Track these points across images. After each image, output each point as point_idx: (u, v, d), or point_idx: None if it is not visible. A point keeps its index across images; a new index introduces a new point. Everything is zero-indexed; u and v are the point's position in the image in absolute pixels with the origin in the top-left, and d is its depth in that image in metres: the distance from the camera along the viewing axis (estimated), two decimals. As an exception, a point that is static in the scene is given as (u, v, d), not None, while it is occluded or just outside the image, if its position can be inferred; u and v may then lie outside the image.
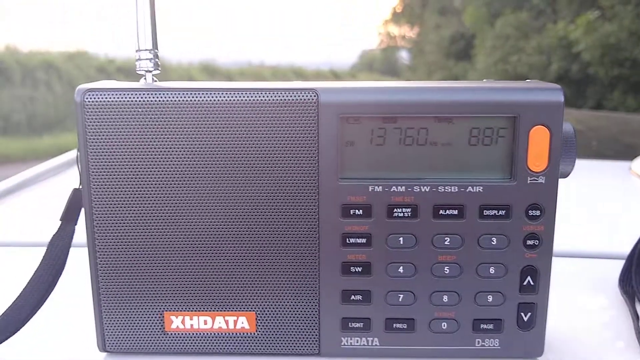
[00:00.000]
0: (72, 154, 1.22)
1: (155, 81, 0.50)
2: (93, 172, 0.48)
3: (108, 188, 0.48)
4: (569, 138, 0.48)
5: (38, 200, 1.02)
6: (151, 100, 0.47)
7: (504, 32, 11.01)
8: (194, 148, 0.47)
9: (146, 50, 0.49)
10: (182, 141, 0.47)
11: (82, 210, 0.50)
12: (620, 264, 0.65)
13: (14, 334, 0.51)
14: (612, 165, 1.30)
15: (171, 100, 0.47)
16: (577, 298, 0.63)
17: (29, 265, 0.53)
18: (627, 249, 0.65)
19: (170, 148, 0.47)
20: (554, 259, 0.49)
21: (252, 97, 0.46)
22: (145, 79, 0.50)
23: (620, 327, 0.56)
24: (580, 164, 1.27)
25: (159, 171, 0.48)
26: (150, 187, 0.48)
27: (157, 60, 0.50)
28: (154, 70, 0.50)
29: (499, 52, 10.79)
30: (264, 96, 0.46)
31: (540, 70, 9.92)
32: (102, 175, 0.48)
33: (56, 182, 1.10)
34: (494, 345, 0.50)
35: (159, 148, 0.47)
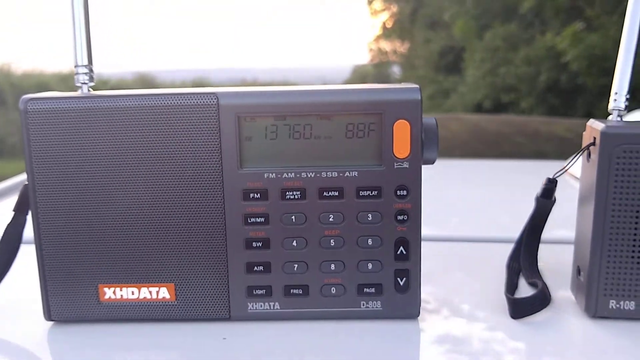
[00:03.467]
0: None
1: (90, 91, 0.60)
2: (36, 168, 0.57)
3: (49, 181, 0.57)
4: (430, 130, 0.57)
5: None
6: (82, 106, 0.56)
7: (492, 45, 11.12)
8: (118, 144, 0.57)
9: (82, 65, 0.59)
10: (108, 139, 0.56)
11: None
12: None
13: None
14: (550, 164, 1.40)
15: (97, 106, 0.56)
16: (469, 274, 0.73)
17: None
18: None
19: (99, 145, 0.57)
20: (467, 244, 0.56)
21: (162, 101, 0.56)
22: (82, 90, 0.60)
23: (496, 296, 0.65)
24: (523, 164, 1.39)
25: (90, 165, 0.57)
26: (83, 179, 0.57)
27: (92, 74, 0.60)
28: (89, 82, 0.60)
29: (488, 64, 10.90)
30: (172, 100, 0.56)
31: (529, 81, 10.03)
32: (44, 170, 0.57)
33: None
34: (376, 307, 0.59)
35: (89, 145, 0.57)
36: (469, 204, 1.08)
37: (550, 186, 0.65)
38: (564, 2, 10.11)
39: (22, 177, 1.24)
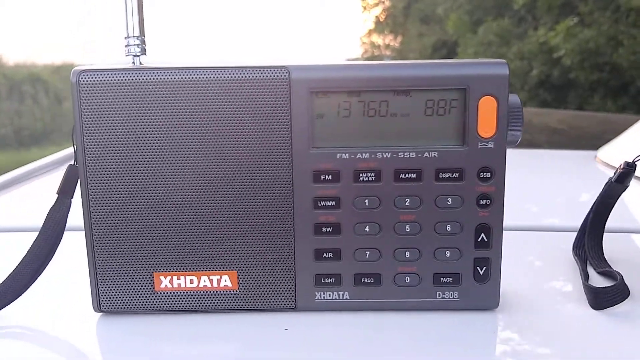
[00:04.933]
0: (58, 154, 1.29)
1: (141, 64, 0.55)
2: (88, 146, 0.53)
3: (101, 160, 0.53)
4: (515, 108, 0.54)
5: (32, 192, 1.07)
6: (138, 79, 0.52)
7: (486, 39, 11.13)
8: (177, 121, 0.52)
9: (134, 37, 0.55)
10: (167, 115, 0.52)
11: (78, 184, 0.55)
12: None
13: (14, 300, 0.56)
14: (579, 154, 1.37)
15: (156, 79, 0.52)
16: (536, 263, 0.69)
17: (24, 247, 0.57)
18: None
19: (157, 121, 0.52)
20: (522, 232, 0.53)
21: (228, 74, 0.52)
22: (133, 62, 0.55)
23: (571, 285, 0.62)
24: (552, 154, 1.36)
25: (147, 143, 0.53)
26: (139, 158, 0.53)
27: (144, 45, 0.55)
28: (141, 54, 0.55)
29: (481, 58, 10.92)
30: (239, 74, 0.52)
31: (521, 76, 10.04)
32: (96, 148, 0.53)
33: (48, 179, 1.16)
34: (453, 297, 0.56)
35: (146, 122, 0.52)
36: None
37: (629, 170, 0.62)
38: (557, -3, 10.12)
39: (30, 167, 1.19)
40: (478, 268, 0.55)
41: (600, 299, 0.57)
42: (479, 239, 0.54)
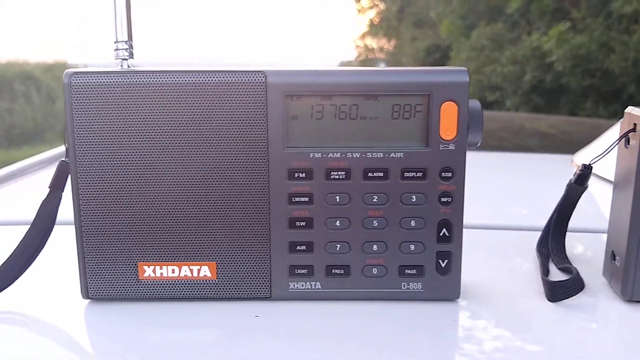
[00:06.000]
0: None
1: (129, 67, 0.59)
2: (78, 143, 0.57)
3: (90, 157, 0.57)
4: (475, 113, 0.58)
5: (25, 188, 1.11)
6: (124, 81, 0.56)
7: (479, 44, 11.19)
8: (162, 121, 0.56)
9: (122, 41, 0.59)
10: (152, 115, 0.56)
11: (69, 179, 0.59)
12: None
13: (7, 286, 0.60)
14: (558, 158, 1.42)
15: (141, 81, 0.56)
16: (502, 259, 0.73)
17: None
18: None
19: (142, 121, 0.56)
20: (493, 231, 0.56)
21: (209, 77, 0.56)
22: (122, 65, 0.59)
23: (531, 280, 0.66)
24: (533, 157, 1.41)
25: (132, 141, 0.57)
26: (125, 156, 0.57)
27: (131, 50, 0.59)
28: (129, 58, 0.59)
29: (474, 63, 10.96)
30: (219, 77, 0.56)
31: (514, 81, 10.11)
32: (85, 145, 0.57)
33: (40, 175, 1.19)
34: (417, 288, 0.60)
35: (132, 121, 0.56)
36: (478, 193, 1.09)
37: (586, 172, 0.66)
38: (550, 3, 10.19)
39: (23, 164, 1.23)
40: (440, 261, 0.59)
41: (556, 292, 0.61)
42: (441, 234, 0.58)
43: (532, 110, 9.75)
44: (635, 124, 0.59)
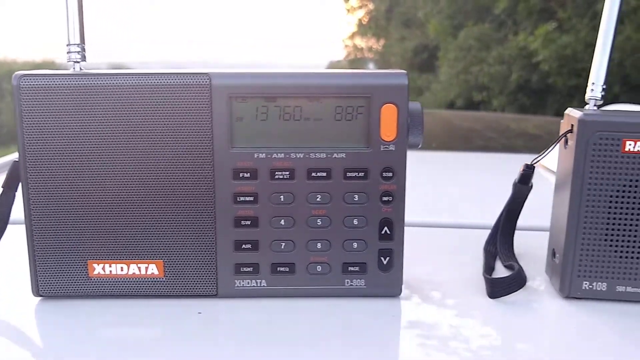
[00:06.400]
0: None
1: (82, 70, 0.60)
2: (27, 144, 0.58)
3: (40, 157, 0.58)
4: (416, 115, 0.59)
5: None
6: (74, 84, 0.57)
7: (466, 44, 11.24)
8: (110, 122, 0.57)
9: (74, 44, 0.60)
10: (100, 117, 0.57)
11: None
12: None
13: None
14: (527, 157, 1.44)
15: (90, 84, 0.57)
16: (449, 256, 0.75)
17: None
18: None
19: (91, 123, 0.57)
20: (443, 229, 0.57)
21: (155, 80, 0.57)
22: (73, 68, 0.60)
23: (475, 277, 0.68)
24: (502, 157, 1.43)
25: (81, 142, 0.58)
26: (74, 156, 0.58)
27: (84, 53, 0.60)
28: (81, 61, 0.60)
29: (462, 63, 11.01)
30: (165, 79, 0.57)
31: (501, 81, 10.16)
32: (35, 146, 0.58)
33: None
34: (360, 285, 0.61)
35: (81, 123, 0.57)
36: (445, 193, 1.11)
37: (528, 172, 0.68)
38: (537, 3, 10.25)
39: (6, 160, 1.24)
40: (382, 258, 0.60)
41: (495, 288, 0.63)
42: (383, 232, 0.60)
43: (518, 109, 9.81)
44: (572, 125, 0.61)
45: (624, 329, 0.57)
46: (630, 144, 0.58)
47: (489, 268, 0.68)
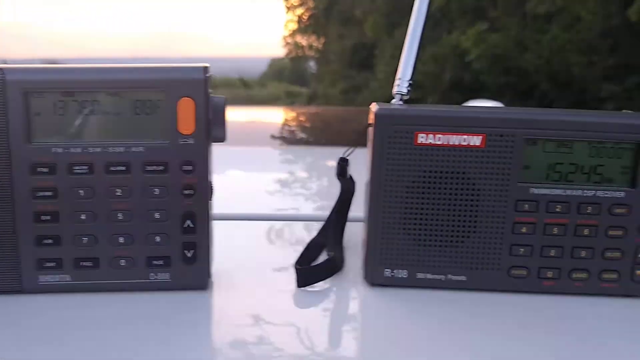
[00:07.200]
0: None
1: None
2: None
3: None
4: (218, 109, 0.60)
5: None
6: None
7: (402, 42, 11.37)
8: None
9: None
10: None
11: None
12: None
13: None
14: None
15: None
16: (267, 249, 0.77)
17: None
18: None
19: None
20: (272, 223, 0.58)
21: None
22: None
23: (291, 269, 0.69)
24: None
25: None
26: None
27: None
28: None
29: (397, 61, 11.15)
30: None
31: (434, 79, 10.34)
32: None
33: None
34: (165, 279, 0.62)
35: None
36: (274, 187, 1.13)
37: (342, 165, 0.70)
38: (470, 2, 10.47)
39: None
40: (186, 251, 0.61)
41: (302, 277, 0.64)
42: (186, 225, 0.61)
43: (452, 107, 9.98)
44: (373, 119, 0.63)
45: (419, 314, 0.59)
46: (422, 137, 0.61)
47: (307, 259, 0.70)
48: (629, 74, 8.11)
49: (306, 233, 0.81)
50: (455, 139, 0.61)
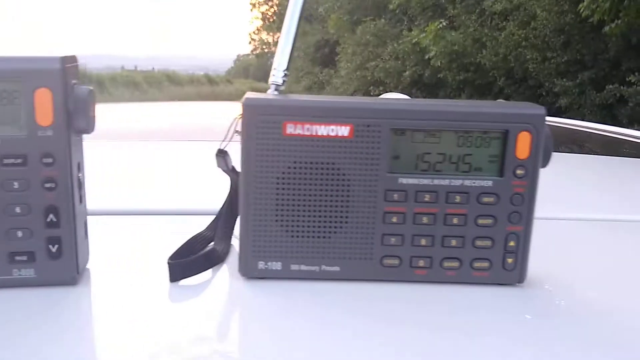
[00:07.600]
0: None
1: None
2: None
3: None
4: (81, 100, 0.59)
5: None
6: None
7: (364, 39, 11.44)
8: None
9: None
10: None
11: None
12: None
13: None
14: None
15: None
16: (142, 245, 0.75)
17: None
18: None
19: None
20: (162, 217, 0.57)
21: None
22: None
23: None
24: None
25: None
26: None
27: None
28: None
29: (359, 58, 11.20)
30: None
31: (395, 75, 10.41)
32: None
33: None
34: (30, 275, 0.60)
35: None
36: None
37: (222, 156, 0.69)
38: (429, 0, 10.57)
39: None
40: (50, 246, 0.60)
41: (173, 272, 0.63)
42: (49, 220, 0.59)
43: (413, 103, 10.08)
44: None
45: (293, 306, 0.59)
46: (291, 127, 0.60)
47: (181, 252, 0.68)
48: (581, 70, 8.28)
49: (197, 227, 0.80)
50: (323, 129, 0.60)
